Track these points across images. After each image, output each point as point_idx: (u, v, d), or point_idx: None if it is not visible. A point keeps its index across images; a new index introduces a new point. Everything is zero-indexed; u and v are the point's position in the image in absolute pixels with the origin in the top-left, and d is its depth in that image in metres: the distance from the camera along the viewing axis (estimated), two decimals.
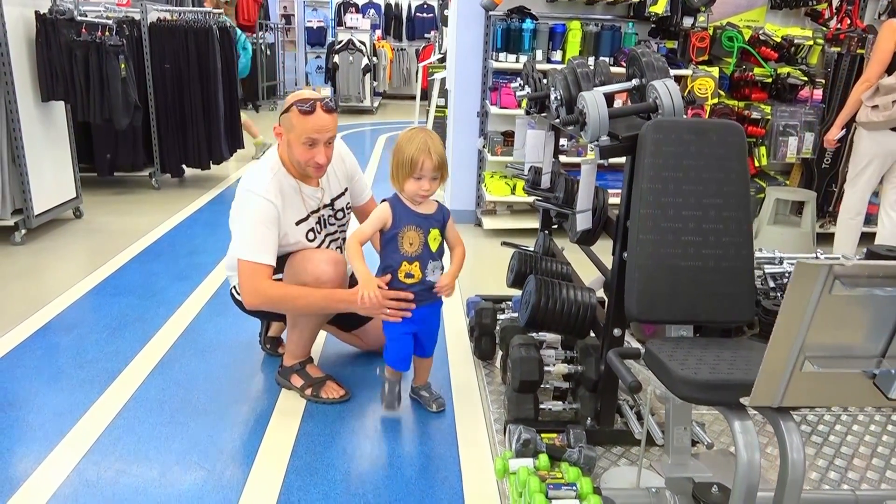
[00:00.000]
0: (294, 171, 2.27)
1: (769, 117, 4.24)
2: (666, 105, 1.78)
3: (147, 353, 2.72)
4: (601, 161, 1.79)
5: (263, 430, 2.22)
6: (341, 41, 11.05)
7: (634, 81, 1.94)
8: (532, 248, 2.79)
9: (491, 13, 4.20)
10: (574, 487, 1.61)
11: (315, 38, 14.09)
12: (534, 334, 2.43)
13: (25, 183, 4.01)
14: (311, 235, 2.33)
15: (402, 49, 13.94)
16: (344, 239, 2.52)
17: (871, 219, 3.89)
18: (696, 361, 1.46)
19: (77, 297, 3.30)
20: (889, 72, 3.29)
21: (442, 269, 2.17)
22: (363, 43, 11.11)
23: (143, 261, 3.89)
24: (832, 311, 0.94)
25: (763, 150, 4.34)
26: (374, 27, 12.97)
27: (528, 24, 4.08)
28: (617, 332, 2.01)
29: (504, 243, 2.89)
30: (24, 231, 4.05)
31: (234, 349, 2.80)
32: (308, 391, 2.41)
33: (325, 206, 2.39)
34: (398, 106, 12.98)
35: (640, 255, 1.75)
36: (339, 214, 2.47)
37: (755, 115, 4.23)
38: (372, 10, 13.77)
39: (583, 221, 1.95)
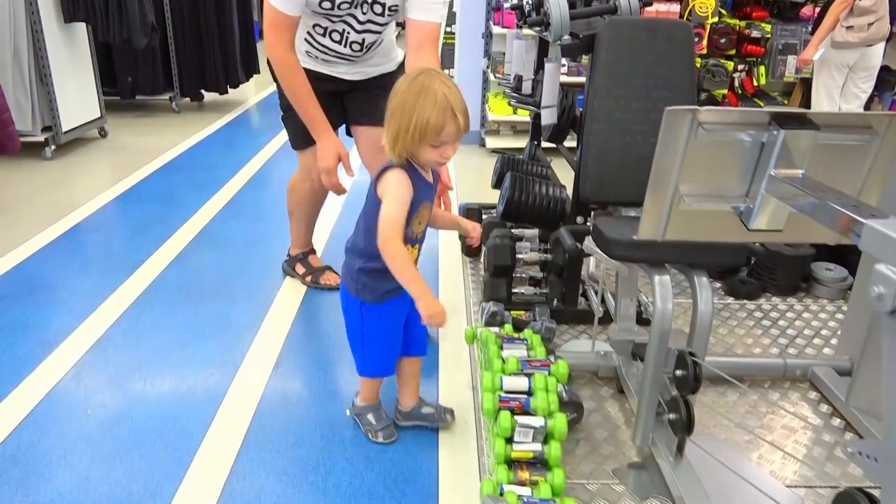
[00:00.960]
0: None
1: (769, 36, 4.28)
2: (623, 6, 1.93)
3: (166, 248, 3.01)
4: (564, 58, 1.96)
5: (268, 307, 2.50)
6: None
7: None
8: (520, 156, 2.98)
9: None
10: (525, 342, 1.86)
11: None
12: (513, 229, 2.65)
13: (53, 101, 4.26)
14: (326, 5, 1.95)
15: None
16: (364, 42, 2.10)
17: None
18: (628, 229, 1.67)
19: (103, 204, 3.59)
20: None
21: None
22: None
23: (163, 174, 4.16)
24: (700, 155, 1.13)
25: (762, 69, 4.40)
26: None
27: None
28: (580, 219, 2.22)
29: (494, 150, 3.08)
30: (53, 147, 4.33)
31: (245, 246, 3.07)
32: (308, 278, 2.64)
33: None
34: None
35: (593, 143, 1.94)
36: (378, 9, 1.99)
37: (755, 33, 4.28)
38: None
39: (547, 116, 2.14)
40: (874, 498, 0.90)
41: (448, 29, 6.11)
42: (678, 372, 1.52)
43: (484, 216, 2.90)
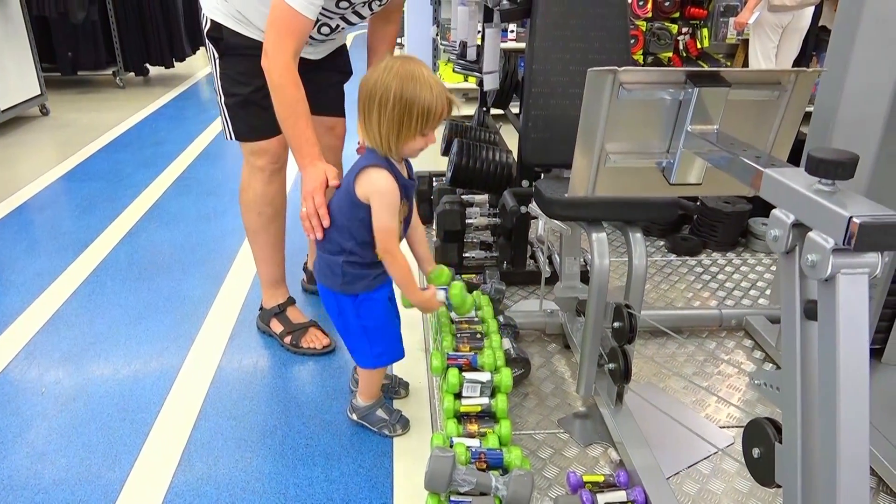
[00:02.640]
0: None
1: None
2: None
3: (116, 226, 2.98)
4: (511, 24, 1.99)
5: (221, 281, 2.51)
6: None
7: None
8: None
9: None
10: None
11: None
12: (464, 195, 2.70)
13: None
14: (343, 5, 1.75)
15: None
16: (346, 26, 1.91)
17: None
18: (564, 189, 1.73)
19: (48, 183, 3.51)
20: None
21: None
22: None
23: (110, 151, 4.08)
24: (623, 114, 1.19)
25: (705, 31, 4.49)
26: None
27: None
28: (525, 183, 2.27)
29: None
30: None
31: (197, 221, 3.05)
32: (288, 339, 2.11)
33: None
34: None
35: (534, 107, 1.99)
36: (375, 5, 1.83)
37: None
38: None
39: (489, 81, 2.17)
40: (779, 425, 0.98)
41: None
42: (616, 324, 1.60)
43: (434, 183, 2.94)
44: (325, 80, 2.01)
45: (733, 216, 2.73)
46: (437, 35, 4.69)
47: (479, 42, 2.74)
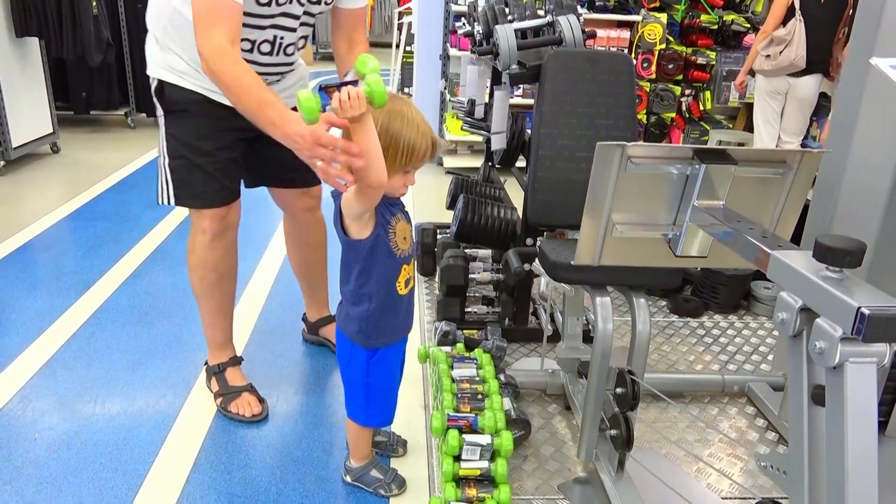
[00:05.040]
0: None
1: (714, 63, 4.47)
2: (567, 37, 2.02)
3: (119, 268, 2.98)
4: (511, 87, 2.04)
5: None
6: None
7: (548, 17, 2.18)
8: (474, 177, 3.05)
9: None
10: (475, 361, 1.91)
11: None
12: (467, 250, 2.71)
13: (3, 116, 4.18)
14: None
15: None
16: (295, 43, 1.80)
17: None
18: (570, 253, 1.74)
19: (54, 222, 3.53)
20: (784, 24, 3.61)
21: None
22: None
23: (117, 191, 4.12)
24: (630, 186, 1.21)
25: (708, 94, 4.59)
26: None
27: None
28: (529, 241, 2.29)
29: (449, 171, 3.14)
30: (2, 163, 4.24)
31: None
32: (219, 401, 2.02)
33: None
34: (379, 53, 12.93)
35: (540, 169, 2.02)
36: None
37: (701, 60, 4.46)
38: None
39: (497, 141, 2.21)
40: None
41: (408, 48, 6.20)
42: (618, 390, 1.59)
43: (439, 236, 2.95)
44: (286, 151, 1.47)
45: (735, 279, 2.74)
46: (444, 89, 4.79)
47: (487, 100, 2.80)
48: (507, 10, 2.19)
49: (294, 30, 1.76)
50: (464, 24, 2.97)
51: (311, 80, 1.92)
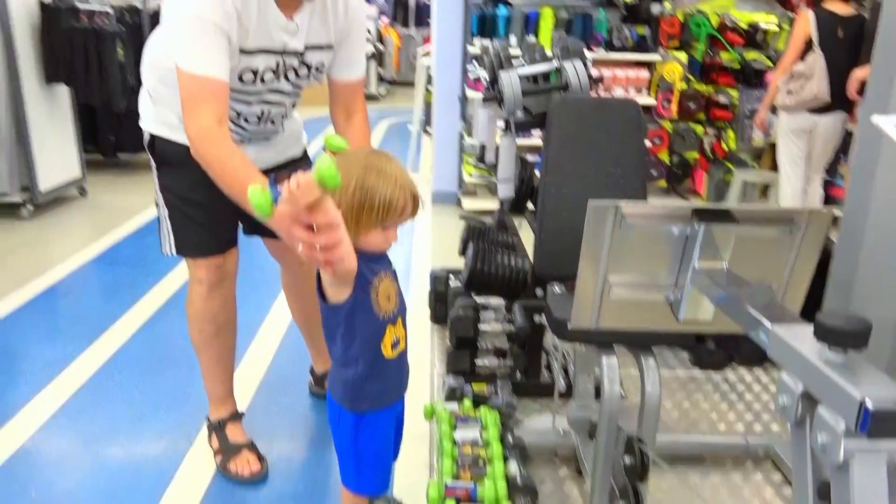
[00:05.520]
0: None
1: (736, 102, 4.39)
2: (573, 83, 1.98)
3: (133, 314, 2.98)
4: (518, 133, 2.00)
5: None
6: None
7: (555, 63, 2.14)
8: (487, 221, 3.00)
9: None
10: (479, 422, 1.83)
11: None
12: (479, 299, 2.65)
13: (31, 161, 4.28)
14: (247, 77, 1.63)
15: (409, 36, 14.09)
16: (286, 112, 1.84)
17: (835, 200, 4.06)
18: None
19: (76, 267, 3.57)
20: (802, 58, 3.51)
21: None
22: (369, 31, 11.30)
23: (140, 235, 4.16)
24: (627, 246, 1.14)
25: (731, 133, 4.50)
26: (381, 14, 13.19)
27: (502, 11, 4.27)
28: (539, 291, 2.22)
29: (462, 216, 3.10)
30: (31, 207, 4.33)
31: None
32: (218, 458, 1.98)
33: (291, 51, 1.65)
34: (405, 92, 13.15)
35: (546, 218, 1.95)
36: (304, 72, 1.73)
37: (722, 99, 4.39)
38: None
39: (504, 189, 2.16)
40: None
41: (430, 88, 6.23)
42: (626, 459, 1.50)
43: (451, 283, 2.90)
44: None
45: None
46: (462, 129, 4.78)
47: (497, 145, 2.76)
48: (514, 54, 2.16)
49: (283, 103, 1.78)
50: (475, 67, 2.96)
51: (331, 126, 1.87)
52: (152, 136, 1.80)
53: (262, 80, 1.65)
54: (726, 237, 1.11)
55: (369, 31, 11.27)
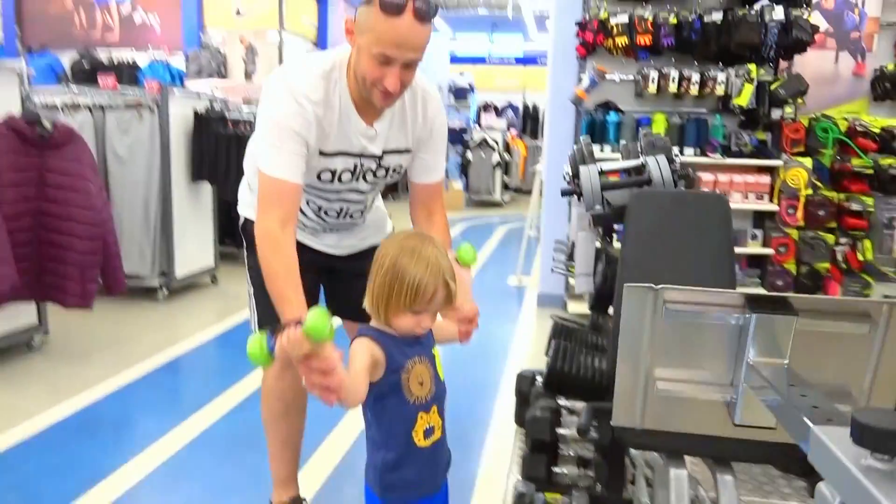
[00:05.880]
0: (354, 89, 1.62)
1: (872, 210, 4.03)
2: (656, 178, 1.91)
3: (229, 395, 3.10)
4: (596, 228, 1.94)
5: (303, 463, 2.46)
6: (475, 140, 11.81)
7: (641, 159, 2.09)
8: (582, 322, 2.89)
9: (580, 107, 4.47)
10: None
11: (456, 138, 15.11)
12: (563, 402, 2.50)
13: (171, 250, 4.73)
14: (325, 176, 1.71)
15: (536, 146, 14.50)
16: (365, 208, 1.90)
17: None
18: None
19: (193, 347, 3.82)
20: None
21: None
22: (496, 141, 11.77)
23: None
24: (672, 336, 1.04)
25: (868, 243, 4.10)
26: (510, 126, 13.76)
27: (612, 117, 4.29)
28: None
29: (552, 316, 3.01)
30: (165, 291, 4.74)
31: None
32: None
33: (369, 155, 1.72)
34: (528, 200, 13.37)
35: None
36: (381, 173, 1.79)
37: (855, 206, 4.05)
38: (510, 111, 14.61)
39: (582, 284, 2.08)
40: None
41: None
42: None
43: (536, 383, 2.77)
44: (357, 286, 1.46)
45: None
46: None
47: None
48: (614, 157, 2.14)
49: (362, 201, 1.85)
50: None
51: (454, 226, 1.90)
52: (245, 220, 1.94)
53: (340, 180, 1.73)
54: (784, 331, 0.98)
55: (496, 142, 11.74)
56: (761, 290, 4.17)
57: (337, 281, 1.98)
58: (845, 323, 0.99)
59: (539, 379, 2.82)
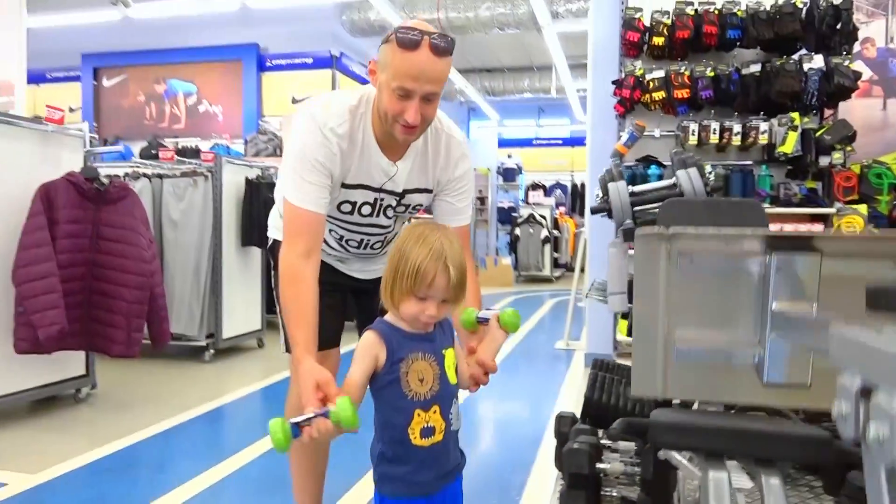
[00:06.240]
0: (378, 126, 1.66)
1: None
2: (687, 189, 1.87)
3: (266, 442, 3.06)
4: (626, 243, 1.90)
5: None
6: (523, 216, 11.89)
7: (673, 179, 2.06)
8: None
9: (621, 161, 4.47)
10: None
11: (505, 216, 15.26)
12: (605, 441, 2.37)
13: (219, 312, 4.82)
14: (345, 207, 1.76)
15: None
16: (385, 240, 1.91)
17: None
18: (679, 416, 1.43)
19: (235, 399, 3.81)
20: None
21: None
22: (543, 217, 11.82)
23: None
24: (689, 291, 0.97)
25: None
26: (558, 204, 13.85)
27: (653, 170, 4.26)
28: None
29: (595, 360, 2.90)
30: (212, 351, 4.80)
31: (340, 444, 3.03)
32: None
33: (389, 191, 1.76)
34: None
35: None
36: (402, 210, 1.84)
37: None
38: (558, 191, 14.75)
39: (616, 303, 2.00)
40: None
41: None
42: None
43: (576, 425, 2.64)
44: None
45: None
46: None
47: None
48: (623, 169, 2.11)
49: (382, 235, 1.88)
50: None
51: (503, 299, 1.92)
52: (274, 241, 1.98)
53: (360, 213, 1.78)
54: (811, 272, 0.91)
55: (544, 217, 11.78)
56: None
57: (365, 297, 1.98)
58: (873, 262, 0.91)
59: (580, 421, 2.69)
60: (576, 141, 15.58)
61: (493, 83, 13.63)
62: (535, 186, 14.61)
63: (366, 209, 1.76)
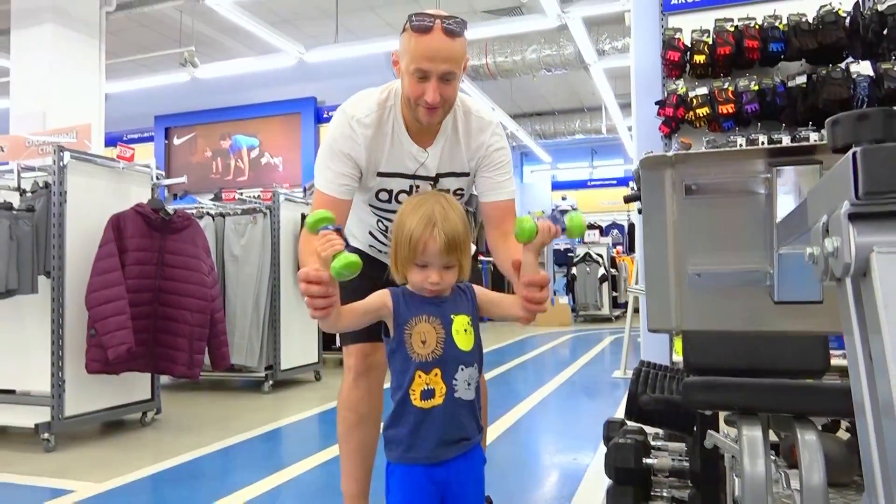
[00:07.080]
0: (407, 114, 1.75)
1: None
2: None
3: (323, 454, 3.11)
4: None
5: None
6: (579, 255, 11.81)
7: None
8: None
9: None
10: None
11: (562, 258, 15.16)
12: (655, 442, 2.32)
13: (278, 344, 4.96)
14: (383, 196, 1.84)
15: None
16: None
17: None
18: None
19: (294, 421, 3.90)
20: None
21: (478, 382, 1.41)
22: (600, 255, 11.71)
23: None
24: (699, 217, 0.99)
25: None
26: (616, 244, 13.71)
27: None
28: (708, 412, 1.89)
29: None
30: (271, 382, 4.92)
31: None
32: None
33: (423, 176, 1.82)
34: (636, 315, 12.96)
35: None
36: None
37: None
38: (615, 230, 14.61)
39: None
40: None
41: None
42: None
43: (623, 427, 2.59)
44: None
45: None
46: None
47: None
48: None
49: None
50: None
51: (560, 336, 1.98)
52: None
53: (398, 201, 1.84)
54: (812, 182, 0.93)
55: (601, 256, 11.66)
56: None
57: None
58: None
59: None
60: (630, 180, 15.50)
61: (543, 126, 13.79)
62: (590, 227, 14.52)
63: (402, 197, 1.82)
